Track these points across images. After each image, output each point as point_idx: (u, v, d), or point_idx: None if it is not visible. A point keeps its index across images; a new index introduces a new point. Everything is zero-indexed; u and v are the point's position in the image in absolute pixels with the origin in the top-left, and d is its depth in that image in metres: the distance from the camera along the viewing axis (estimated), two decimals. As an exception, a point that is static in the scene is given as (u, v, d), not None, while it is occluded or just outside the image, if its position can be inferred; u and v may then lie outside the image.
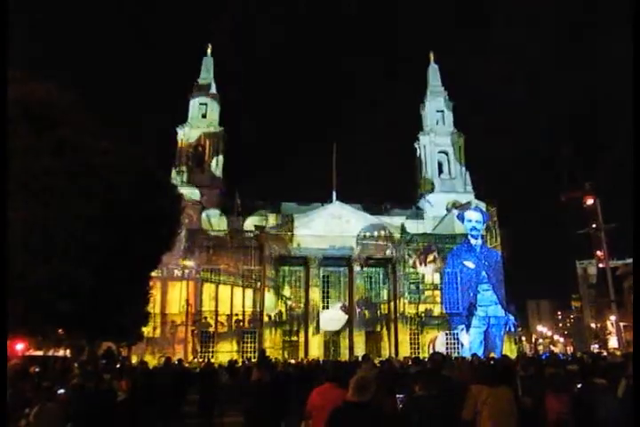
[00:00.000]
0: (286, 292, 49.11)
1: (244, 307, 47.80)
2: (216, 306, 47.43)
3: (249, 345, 46.93)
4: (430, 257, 50.19)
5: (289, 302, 48.70)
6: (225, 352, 44.84)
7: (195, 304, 46.64)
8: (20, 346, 21.77)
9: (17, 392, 8.87)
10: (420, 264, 49.82)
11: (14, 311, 15.47)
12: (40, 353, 25.74)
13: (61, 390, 9.71)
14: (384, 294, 50.49)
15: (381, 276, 50.96)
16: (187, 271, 46.74)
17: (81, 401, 8.84)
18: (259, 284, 48.46)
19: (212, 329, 46.72)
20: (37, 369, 16.23)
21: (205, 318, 46.77)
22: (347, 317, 47.71)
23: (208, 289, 47.92)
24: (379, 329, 48.96)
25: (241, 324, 47.12)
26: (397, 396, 8.09)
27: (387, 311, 49.31)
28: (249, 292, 48.40)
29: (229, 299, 47.80)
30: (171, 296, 45.97)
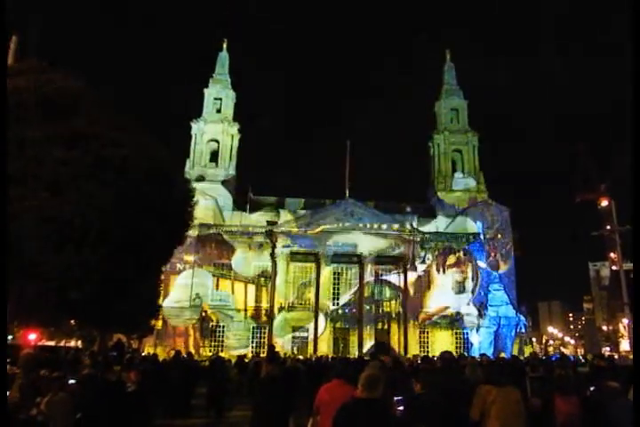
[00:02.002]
0: (296, 287, 49.13)
1: (245, 301, 48.11)
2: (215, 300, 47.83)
3: (256, 340, 47.14)
4: (452, 259, 49.83)
5: (299, 299, 48.73)
6: (231, 347, 45.12)
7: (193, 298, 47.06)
8: (32, 336, 22.00)
9: (28, 382, 8.95)
10: (438, 271, 49.49)
11: (26, 300, 15.64)
12: (52, 343, 26.03)
13: (72, 381, 9.79)
14: (386, 292, 50.31)
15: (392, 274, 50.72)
16: (188, 266, 47.09)
17: (91, 392, 8.91)
18: (262, 279, 48.75)
19: (213, 323, 47.04)
20: (49, 359, 16.38)
21: (205, 311, 47.09)
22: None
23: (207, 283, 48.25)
24: (385, 327, 48.74)
25: (243, 319, 47.38)
26: (395, 398, 7.76)
27: (395, 309, 49.21)
28: (251, 287, 48.72)
29: (231, 293, 48.18)
30: (173, 289, 46.25)
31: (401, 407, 6.61)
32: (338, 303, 48.72)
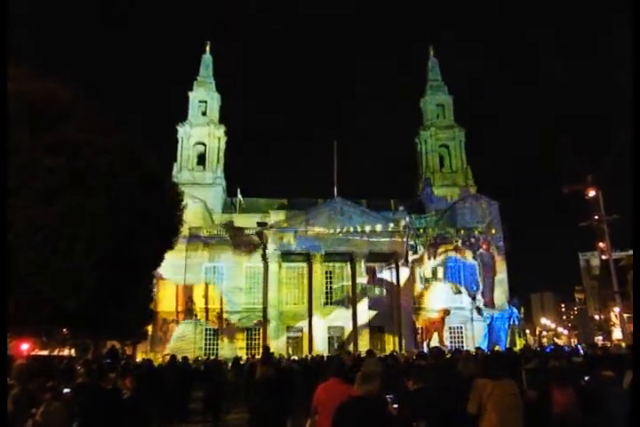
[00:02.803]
0: (289, 288, 49.01)
1: (237, 303, 47.93)
2: (206, 303, 47.69)
3: (249, 342, 47.02)
4: (442, 248, 50.05)
5: (291, 299, 48.63)
6: (225, 349, 45.00)
7: (185, 302, 46.91)
8: (25, 346, 21.83)
9: (23, 392, 8.86)
10: (430, 258, 49.77)
11: (19, 311, 15.50)
12: (45, 353, 25.81)
13: (67, 390, 9.71)
14: (379, 290, 50.29)
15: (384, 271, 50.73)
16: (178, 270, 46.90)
17: (86, 400, 8.84)
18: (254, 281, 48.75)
19: (205, 326, 46.92)
20: (42, 369, 16.23)
21: (196, 315, 46.94)
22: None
23: (199, 287, 48.12)
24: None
25: (232, 321, 47.28)
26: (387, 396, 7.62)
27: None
28: (243, 289, 48.62)
29: (219, 296, 48.10)
30: (162, 294, 45.96)
31: (395, 405, 6.59)
32: (331, 302, 48.68)
